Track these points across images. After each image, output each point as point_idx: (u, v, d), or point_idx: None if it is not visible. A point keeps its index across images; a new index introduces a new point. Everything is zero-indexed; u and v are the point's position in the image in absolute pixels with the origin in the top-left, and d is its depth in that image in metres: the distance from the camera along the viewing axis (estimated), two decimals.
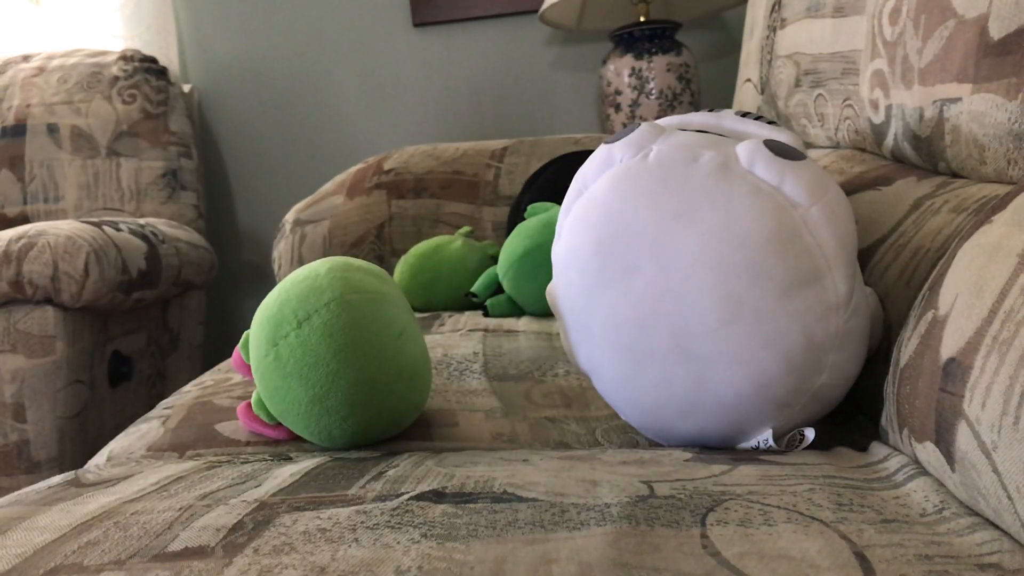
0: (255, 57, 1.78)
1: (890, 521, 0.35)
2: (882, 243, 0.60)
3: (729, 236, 0.47)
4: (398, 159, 1.27)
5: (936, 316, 0.40)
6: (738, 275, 0.47)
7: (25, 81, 1.55)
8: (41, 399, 1.10)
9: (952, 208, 0.54)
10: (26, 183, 1.51)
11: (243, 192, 1.82)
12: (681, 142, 0.51)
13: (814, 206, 0.47)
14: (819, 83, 0.82)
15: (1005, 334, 0.34)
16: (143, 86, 1.55)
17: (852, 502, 0.37)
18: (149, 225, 1.35)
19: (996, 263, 0.37)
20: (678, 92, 1.44)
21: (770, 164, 0.48)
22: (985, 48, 0.50)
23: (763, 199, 0.48)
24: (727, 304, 0.47)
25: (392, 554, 0.33)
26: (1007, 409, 0.32)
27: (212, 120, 1.80)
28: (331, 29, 1.76)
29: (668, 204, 0.49)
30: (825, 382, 0.48)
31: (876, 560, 0.31)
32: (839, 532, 0.34)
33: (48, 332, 1.11)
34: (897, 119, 0.64)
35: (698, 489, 0.39)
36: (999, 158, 0.51)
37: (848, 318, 0.48)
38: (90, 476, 0.51)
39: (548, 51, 1.73)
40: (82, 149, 1.52)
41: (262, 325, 0.52)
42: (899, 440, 0.44)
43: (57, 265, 1.09)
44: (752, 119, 0.60)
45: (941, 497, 0.37)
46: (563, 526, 0.35)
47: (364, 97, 1.77)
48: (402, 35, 1.74)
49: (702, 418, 0.50)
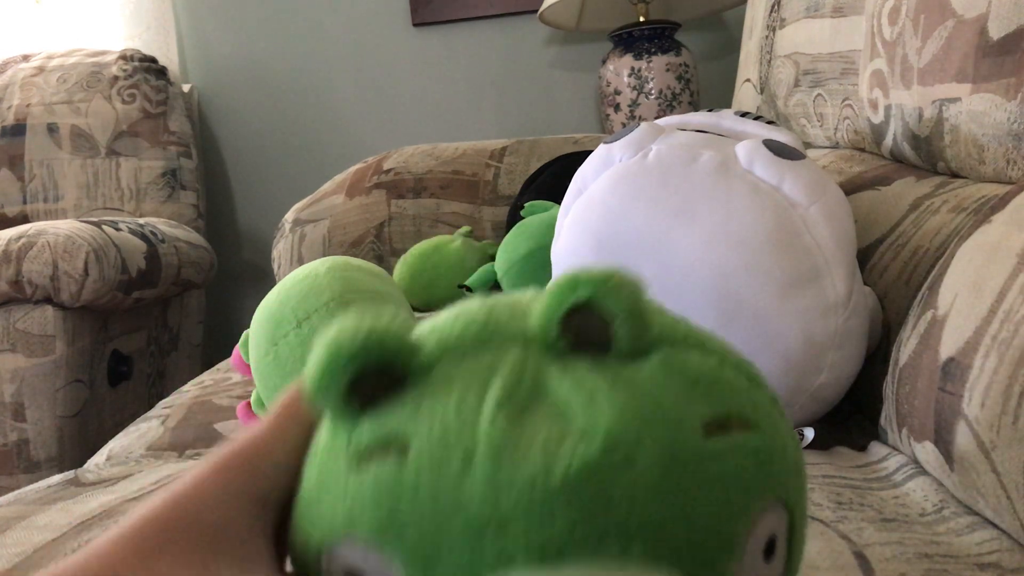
0: (255, 57, 1.78)
1: (889, 520, 0.35)
2: (881, 243, 0.60)
3: (728, 235, 0.47)
4: (397, 159, 1.27)
5: (935, 316, 0.40)
6: (737, 274, 0.47)
7: (25, 81, 1.55)
8: (41, 398, 1.10)
9: (951, 208, 0.54)
10: (26, 183, 1.51)
11: (243, 192, 1.82)
12: (680, 142, 0.51)
13: (813, 206, 0.47)
14: (818, 83, 0.82)
15: (1004, 334, 0.34)
16: (143, 86, 1.55)
17: (852, 501, 0.37)
18: (149, 225, 1.35)
19: (995, 263, 0.37)
20: (677, 92, 1.44)
21: (769, 164, 0.48)
22: (984, 48, 0.50)
23: (762, 199, 0.48)
24: (726, 303, 0.47)
25: None
26: (1006, 408, 0.32)
27: (212, 120, 1.80)
28: (331, 29, 1.76)
29: (667, 203, 0.49)
30: (824, 381, 0.48)
31: (875, 559, 0.31)
32: (839, 532, 0.34)
33: (48, 331, 1.11)
34: (896, 119, 0.64)
35: None
36: (998, 158, 0.51)
37: (847, 317, 0.48)
38: (89, 475, 0.51)
39: (547, 51, 1.73)
40: (82, 149, 1.52)
41: (262, 324, 0.52)
42: (898, 440, 0.44)
43: (57, 265, 1.09)
44: (751, 119, 0.60)
45: (940, 496, 0.37)
46: None
47: (364, 97, 1.77)
48: (402, 35, 1.74)
49: None
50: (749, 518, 0.20)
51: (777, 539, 0.20)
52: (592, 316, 0.21)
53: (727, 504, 0.19)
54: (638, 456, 0.19)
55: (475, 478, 0.19)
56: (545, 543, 0.18)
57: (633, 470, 0.19)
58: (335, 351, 0.20)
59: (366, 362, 0.20)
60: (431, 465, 0.20)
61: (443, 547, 0.19)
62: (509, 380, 0.21)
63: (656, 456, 0.19)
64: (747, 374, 0.23)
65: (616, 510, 0.19)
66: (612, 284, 0.20)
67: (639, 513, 0.19)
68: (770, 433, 0.21)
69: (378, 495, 0.20)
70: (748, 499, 0.20)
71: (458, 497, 0.19)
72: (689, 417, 0.20)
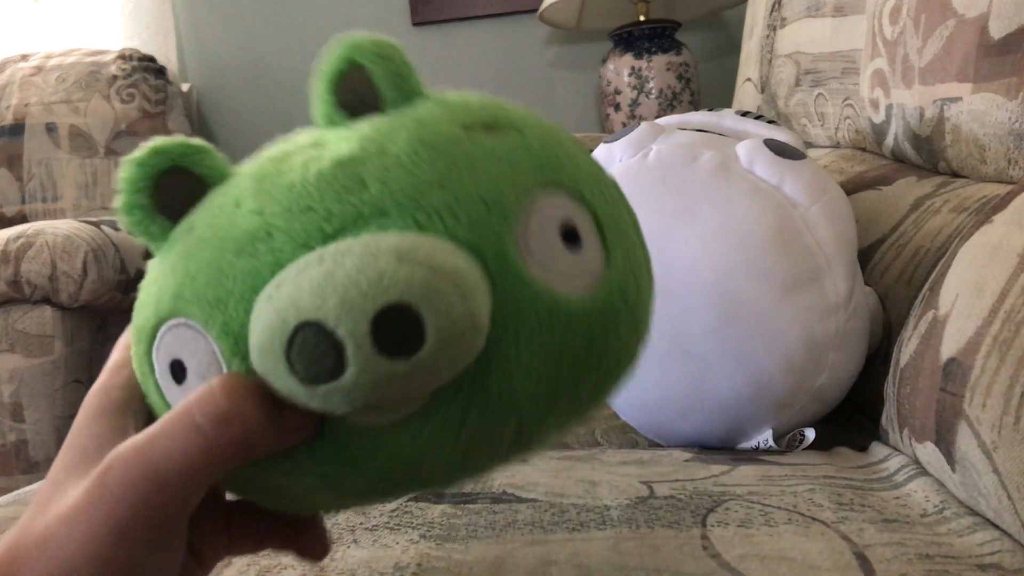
0: (254, 56, 1.77)
1: (890, 521, 0.35)
2: (882, 243, 0.60)
3: (729, 235, 0.47)
4: None
5: (936, 316, 0.40)
6: (738, 274, 0.47)
7: (23, 80, 1.55)
8: (39, 399, 1.10)
9: (952, 208, 0.54)
10: (24, 182, 1.51)
11: None
12: (681, 141, 0.51)
13: (814, 206, 0.47)
14: (819, 82, 0.82)
15: (1005, 334, 0.34)
16: (141, 85, 1.55)
17: (852, 502, 0.37)
18: None
19: (996, 263, 0.37)
20: (678, 91, 1.44)
21: (770, 163, 0.48)
22: (986, 47, 0.50)
23: (763, 198, 0.47)
24: (727, 303, 0.47)
25: (391, 554, 0.33)
26: (1007, 409, 0.32)
27: (211, 119, 1.80)
28: (330, 28, 1.75)
29: (668, 203, 0.49)
30: (825, 382, 0.48)
31: (876, 560, 0.31)
32: (840, 532, 0.34)
33: (46, 332, 1.10)
34: (897, 119, 0.64)
35: (698, 490, 0.39)
36: (999, 158, 0.51)
37: (848, 318, 0.48)
38: None
39: (547, 50, 1.72)
40: (80, 148, 1.52)
41: None
42: (899, 440, 0.44)
43: (55, 265, 1.09)
44: (752, 118, 0.60)
45: (941, 497, 0.37)
46: (562, 527, 0.35)
47: None
48: (401, 34, 1.74)
49: (702, 418, 0.50)
50: (518, 194, 0.21)
51: (579, 228, 0.21)
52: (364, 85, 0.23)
53: (488, 178, 0.21)
54: (390, 146, 0.21)
55: (243, 209, 0.21)
56: (308, 233, 0.20)
57: (385, 156, 0.21)
58: (135, 160, 0.23)
59: (161, 163, 0.23)
60: (210, 218, 0.22)
61: (227, 279, 0.20)
62: (283, 148, 0.23)
63: (407, 144, 0.21)
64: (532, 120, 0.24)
65: (369, 189, 0.20)
66: (370, 44, 0.22)
67: (392, 189, 0.20)
68: (540, 136, 0.23)
69: (174, 266, 0.22)
70: (513, 177, 0.21)
71: (231, 232, 0.21)
72: (445, 121, 0.22)
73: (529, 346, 0.20)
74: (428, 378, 0.18)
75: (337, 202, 0.20)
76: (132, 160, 0.23)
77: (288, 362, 0.18)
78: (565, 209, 0.22)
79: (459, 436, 0.20)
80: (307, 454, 0.21)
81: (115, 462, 0.20)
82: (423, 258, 0.18)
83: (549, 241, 0.21)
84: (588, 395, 0.22)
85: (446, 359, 0.18)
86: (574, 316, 0.20)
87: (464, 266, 0.19)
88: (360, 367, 0.18)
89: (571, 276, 0.21)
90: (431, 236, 0.19)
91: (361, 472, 0.21)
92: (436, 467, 0.21)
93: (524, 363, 0.20)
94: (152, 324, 0.22)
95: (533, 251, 0.20)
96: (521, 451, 0.22)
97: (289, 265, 0.19)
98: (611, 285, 0.22)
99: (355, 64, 0.22)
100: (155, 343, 0.22)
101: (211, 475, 0.20)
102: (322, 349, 0.18)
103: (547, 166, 0.22)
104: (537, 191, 0.21)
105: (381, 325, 0.18)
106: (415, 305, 0.18)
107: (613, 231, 0.23)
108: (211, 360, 0.21)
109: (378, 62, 0.22)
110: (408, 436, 0.20)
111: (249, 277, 0.20)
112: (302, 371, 0.18)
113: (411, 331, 0.18)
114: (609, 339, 0.21)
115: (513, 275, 0.20)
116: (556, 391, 0.21)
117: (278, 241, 0.20)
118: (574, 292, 0.21)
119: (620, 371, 0.23)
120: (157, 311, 0.22)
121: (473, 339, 0.19)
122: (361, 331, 0.17)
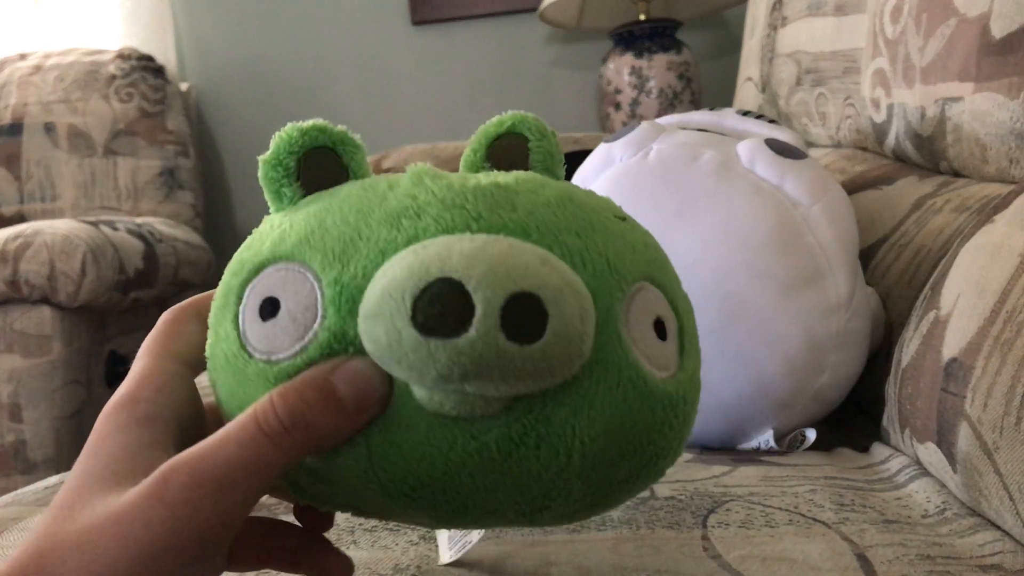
0: (253, 55, 1.77)
1: (892, 522, 0.35)
2: (883, 243, 0.60)
3: (730, 235, 0.47)
4: (397, 158, 1.26)
5: (938, 316, 0.40)
6: (738, 274, 0.47)
7: (22, 80, 1.55)
8: (38, 399, 1.10)
9: (954, 208, 0.54)
10: (23, 182, 1.51)
11: (241, 191, 1.82)
12: (681, 141, 0.51)
13: (815, 205, 0.47)
14: (820, 82, 0.82)
15: (1007, 334, 0.34)
16: (140, 85, 1.54)
17: (854, 503, 0.37)
18: (146, 224, 1.34)
19: (998, 263, 0.37)
20: (678, 91, 1.43)
21: (771, 163, 0.48)
22: (987, 47, 0.49)
23: (764, 198, 0.47)
24: (727, 303, 0.47)
25: (391, 556, 0.33)
26: (1009, 410, 0.32)
27: (210, 119, 1.80)
28: (330, 27, 1.75)
29: (668, 203, 0.49)
30: (826, 382, 0.48)
31: (877, 561, 0.31)
32: (841, 533, 0.33)
33: (45, 332, 1.10)
34: (898, 118, 0.63)
35: (699, 490, 0.39)
36: (1001, 157, 0.51)
37: (849, 318, 0.47)
38: None
39: (548, 49, 1.72)
40: (79, 148, 1.52)
41: None
42: (900, 441, 0.43)
43: (54, 265, 1.09)
44: (753, 118, 0.60)
45: (943, 498, 0.37)
46: (562, 528, 0.35)
47: (363, 95, 1.77)
48: (401, 33, 1.74)
49: (702, 418, 0.49)
50: (633, 273, 0.23)
51: (666, 322, 0.24)
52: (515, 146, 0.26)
53: (615, 249, 0.23)
54: (542, 191, 0.24)
55: (397, 192, 0.23)
56: (455, 223, 0.22)
57: (536, 196, 0.23)
58: (299, 127, 0.25)
59: (320, 139, 0.25)
60: (359, 191, 0.24)
61: (361, 240, 0.22)
62: (438, 174, 0.24)
63: (556, 195, 0.24)
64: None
65: (518, 212, 0.22)
66: (529, 118, 0.27)
67: (538, 219, 0.23)
68: (654, 241, 0.26)
69: (307, 218, 0.23)
70: (633, 257, 0.24)
71: (382, 204, 0.23)
72: (586, 195, 0.25)
73: (604, 398, 0.21)
74: (527, 375, 0.20)
75: (488, 210, 0.22)
76: (296, 126, 0.25)
77: (412, 307, 0.19)
78: (661, 306, 0.24)
79: (509, 456, 0.21)
80: (363, 434, 0.21)
81: (178, 468, 0.20)
82: (561, 271, 0.20)
83: (644, 323, 0.23)
84: (621, 476, 0.23)
85: (549, 363, 0.19)
86: (648, 393, 0.22)
87: (588, 295, 0.21)
88: (480, 334, 0.19)
89: (652, 361, 0.23)
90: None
91: (405, 459, 0.21)
92: (470, 482, 0.21)
93: (593, 412, 0.21)
94: (263, 258, 0.23)
95: (630, 325, 0.22)
96: (539, 506, 0.22)
97: (425, 240, 0.21)
98: (679, 386, 0.24)
99: (515, 134, 0.26)
100: (256, 277, 0.23)
101: (276, 475, 0.21)
102: (453, 305, 0.19)
103: (656, 264, 0.25)
104: (646, 280, 0.24)
105: (511, 308, 0.19)
106: (547, 301, 0.19)
107: (690, 341, 0.25)
108: (309, 304, 0.22)
109: (539, 137, 0.26)
110: (464, 437, 0.21)
111: (383, 243, 0.21)
112: (422, 319, 0.19)
113: (534, 325, 0.19)
114: (663, 430, 0.23)
115: (613, 331, 0.22)
116: (604, 450, 0.22)
117: (424, 221, 0.22)
118: (651, 375, 0.22)
119: (654, 467, 0.24)
120: (274, 249, 0.23)
121: (577, 357, 0.20)
122: (495, 303, 0.19)
